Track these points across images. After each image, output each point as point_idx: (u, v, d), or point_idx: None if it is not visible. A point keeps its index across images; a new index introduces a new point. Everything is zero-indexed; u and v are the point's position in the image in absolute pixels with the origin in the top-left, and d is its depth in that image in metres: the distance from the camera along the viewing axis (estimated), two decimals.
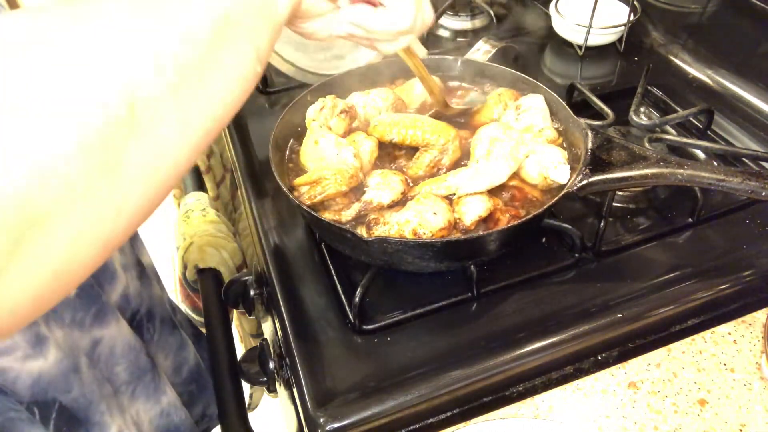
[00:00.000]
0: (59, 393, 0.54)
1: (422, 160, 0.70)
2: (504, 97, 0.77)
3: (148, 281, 0.73)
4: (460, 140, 0.71)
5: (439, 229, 0.61)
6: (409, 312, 0.64)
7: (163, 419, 0.69)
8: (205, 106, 0.34)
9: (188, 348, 0.79)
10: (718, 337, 0.62)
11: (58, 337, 0.54)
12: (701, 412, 0.56)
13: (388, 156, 0.74)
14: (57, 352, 0.53)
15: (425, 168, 0.70)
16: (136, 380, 0.64)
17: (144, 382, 0.65)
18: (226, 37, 0.35)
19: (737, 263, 0.67)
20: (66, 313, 0.56)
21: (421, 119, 0.71)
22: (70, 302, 0.57)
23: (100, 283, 0.61)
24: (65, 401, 0.54)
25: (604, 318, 0.62)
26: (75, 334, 0.57)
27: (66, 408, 0.55)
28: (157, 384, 0.67)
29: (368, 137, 0.71)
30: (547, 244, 0.70)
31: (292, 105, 0.75)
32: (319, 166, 0.68)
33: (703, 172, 0.59)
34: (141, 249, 0.75)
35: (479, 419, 0.58)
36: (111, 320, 0.60)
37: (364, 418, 0.55)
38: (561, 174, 0.65)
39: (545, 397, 0.59)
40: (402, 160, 0.73)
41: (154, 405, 0.67)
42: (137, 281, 0.70)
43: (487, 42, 0.96)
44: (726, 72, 0.93)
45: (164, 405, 0.69)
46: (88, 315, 0.58)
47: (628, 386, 0.59)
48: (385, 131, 0.71)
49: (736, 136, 0.86)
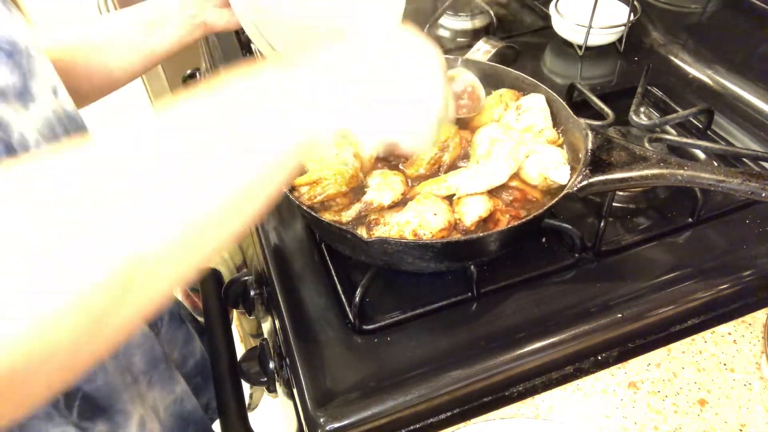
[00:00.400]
0: (83, 382, 0.55)
1: (422, 157, 0.70)
2: (505, 98, 0.77)
3: None
4: (460, 138, 0.71)
5: (439, 230, 0.61)
6: (409, 312, 0.64)
7: (177, 406, 0.70)
8: (204, 250, 0.35)
9: (194, 341, 0.79)
10: (718, 337, 0.62)
11: None
12: (701, 412, 0.56)
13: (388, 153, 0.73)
14: None
15: (426, 166, 0.70)
16: (152, 369, 0.65)
17: (159, 371, 0.66)
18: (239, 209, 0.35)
19: (737, 263, 0.67)
20: None
21: None
22: None
23: None
24: (89, 389, 0.55)
25: (604, 318, 0.62)
26: None
27: (90, 396, 0.55)
28: (171, 373, 0.68)
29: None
30: (547, 244, 0.70)
31: None
32: (319, 166, 0.68)
33: (703, 173, 0.59)
34: None
35: (479, 419, 0.58)
36: None
37: (364, 418, 0.55)
38: (561, 174, 0.65)
39: (545, 397, 0.59)
40: (402, 158, 0.73)
41: (169, 393, 0.68)
42: None
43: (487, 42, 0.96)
44: (726, 72, 0.93)
45: (178, 393, 0.70)
46: None
47: (628, 386, 0.59)
48: None
49: (736, 136, 0.86)
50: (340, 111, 0.40)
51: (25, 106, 0.52)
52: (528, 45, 1.08)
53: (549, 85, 0.76)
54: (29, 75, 0.53)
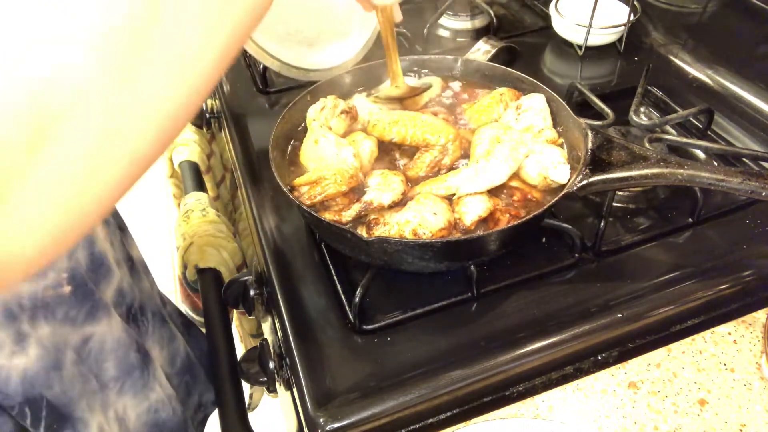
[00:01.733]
0: (43, 389, 0.54)
1: (423, 160, 0.70)
2: (505, 97, 0.77)
3: (138, 275, 0.73)
4: (460, 140, 0.71)
5: (439, 230, 0.61)
6: (409, 312, 0.64)
7: (150, 415, 0.69)
8: (232, 8, 0.32)
9: (178, 339, 0.79)
10: (718, 337, 0.62)
11: (42, 334, 0.54)
12: (701, 412, 0.56)
13: (388, 156, 0.74)
14: (37, 349, 0.53)
15: (426, 168, 0.70)
16: (124, 376, 0.65)
17: (133, 378, 0.66)
18: None
19: (737, 263, 0.67)
20: (59, 309, 0.56)
21: (421, 118, 0.71)
22: (64, 299, 0.57)
23: (96, 281, 0.62)
24: (50, 397, 0.55)
25: (604, 318, 0.62)
26: (65, 330, 0.57)
27: (52, 404, 0.55)
28: (146, 380, 0.67)
29: (368, 137, 0.71)
30: (547, 244, 0.70)
31: (292, 105, 0.76)
32: (319, 166, 0.68)
33: (703, 173, 0.59)
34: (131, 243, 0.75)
35: (479, 419, 0.58)
36: (103, 317, 0.61)
37: (364, 418, 0.55)
38: (561, 174, 0.65)
39: (545, 397, 0.59)
40: (402, 160, 0.73)
41: (143, 401, 0.67)
42: (129, 276, 0.70)
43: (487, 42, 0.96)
44: (726, 72, 0.93)
45: (152, 401, 0.69)
46: (81, 312, 0.58)
47: (628, 386, 0.59)
48: (384, 130, 0.71)
49: (736, 136, 0.86)
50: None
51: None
52: (528, 45, 1.08)
53: (549, 85, 0.76)
54: None
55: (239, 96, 1.01)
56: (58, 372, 0.56)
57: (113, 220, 0.70)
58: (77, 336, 0.59)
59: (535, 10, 1.20)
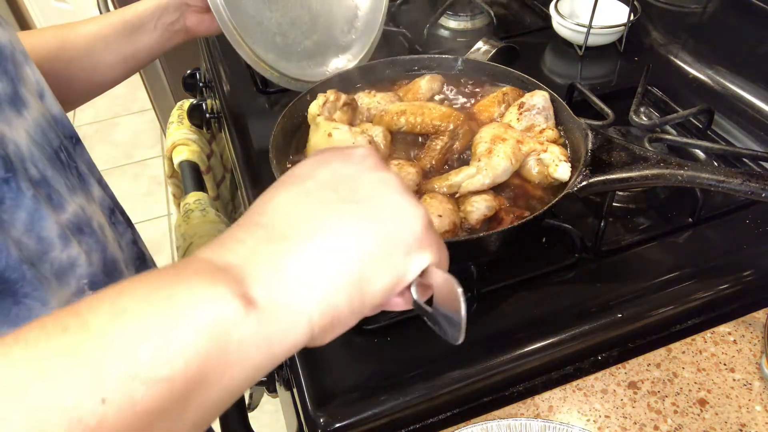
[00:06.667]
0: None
1: (434, 147, 0.70)
2: (508, 96, 0.77)
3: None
4: (468, 126, 0.71)
5: (443, 232, 0.61)
6: (409, 312, 0.64)
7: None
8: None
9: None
10: (718, 337, 0.62)
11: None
12: (701, 412, 0.56)
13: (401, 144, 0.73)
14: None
15: (438, 155, 0.70)
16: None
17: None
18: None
19: (737, 263, 0.67)
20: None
21: (427, 105, 0.71)
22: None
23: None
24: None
25: (604, 318, 0.62)
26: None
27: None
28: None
29: (375, 126, 0.71)
30: (548, 244, 0.70)
31: (292, 105, 0.75)
32: None
33: (704, 173, 0.59)
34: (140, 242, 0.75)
35: (479, 419, 0.58)
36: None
37: (364, 418, 0.55)
38: (562, 171, 0.65)
39: (545, 397, 0.59)
40: (413, 150, 0.73)
41: None
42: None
43: (487, 42, 0.96)
44: (726, 72, 0.93)
45: None
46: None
47: (628, 386, 0.59)
48: (392, 120, 0.71)
49: (736, 136, 0.86)
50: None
51: (19, 112, 0.51)
52: (528, 45, 1.08)
53: (549, 85, 0.76)
54: (18, 80, 0.52)
55: (239, 96, 1.01)
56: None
57: (122, 218, 0.70)
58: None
59: (535, 10, 1.20)
